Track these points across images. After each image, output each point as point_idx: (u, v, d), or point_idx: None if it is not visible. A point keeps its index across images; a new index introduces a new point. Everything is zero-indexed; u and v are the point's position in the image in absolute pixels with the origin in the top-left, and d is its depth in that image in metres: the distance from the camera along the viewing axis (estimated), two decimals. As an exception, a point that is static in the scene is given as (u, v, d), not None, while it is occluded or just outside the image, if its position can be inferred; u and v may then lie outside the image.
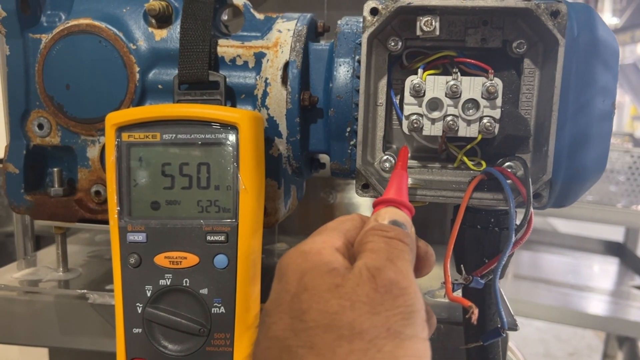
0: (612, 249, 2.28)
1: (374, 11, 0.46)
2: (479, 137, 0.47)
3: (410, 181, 0.47)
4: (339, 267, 0.33)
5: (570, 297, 1.83)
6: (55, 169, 0.59)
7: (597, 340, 3.04)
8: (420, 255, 0.38)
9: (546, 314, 1.76)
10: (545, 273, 2.02)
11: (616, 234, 2.31)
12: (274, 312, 0.32)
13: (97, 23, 0.55)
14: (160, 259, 0.48)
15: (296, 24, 0.55)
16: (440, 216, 0.78)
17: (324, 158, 0.61)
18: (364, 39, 0.46)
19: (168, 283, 0.48)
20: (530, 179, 0.44)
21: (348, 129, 0.52)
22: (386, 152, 0.50)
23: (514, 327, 0.52)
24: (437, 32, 0.45)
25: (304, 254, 0.34)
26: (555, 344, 3.11)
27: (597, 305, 1.79)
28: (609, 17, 5.51)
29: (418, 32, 0.45)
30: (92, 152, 0.58)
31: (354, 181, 0.50)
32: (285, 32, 0.55)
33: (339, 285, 0.31)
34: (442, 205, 0.60)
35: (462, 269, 0.44)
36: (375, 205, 0.39)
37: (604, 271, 2.16)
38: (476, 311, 0.35)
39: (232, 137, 0.47)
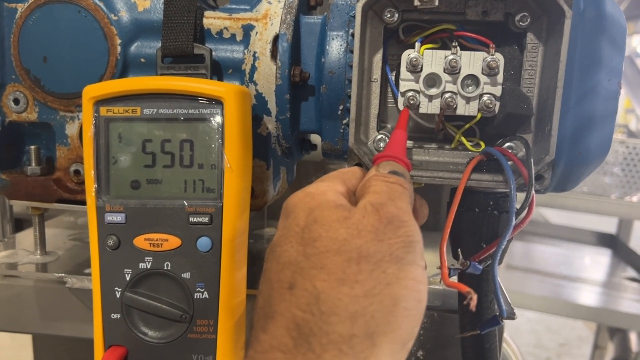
0: (604, 240, 2.27)
1: (369, -21, 0.43)
2: (479, 116, 0.44)
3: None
4: (345, 204, 0.35)
5: (563, 288, 1.82)
6: (33, 147, 0.56)
7: (588, 331, 3.05)
8: (415, 208, 0.41)
9: (538, 305, 1.75)
10: (537, 264, 2.02)
11: (609, 226, 2.30)
12: (284, 242, 0.35)
13: (76, -9, 0.52)
14: (140, 241, 0.46)
15: (287, -4, 0.52)
16: (434, 199, 0.75)
17: (315, 139, 0.59)
18: (358, 9, 0.43)
19: (148, 266, 0.46)
20: (532, 160, 0.42)
21: (341, 107, 0.50)
22: (380, 132, 0.48)
23: (511, 315, 0.50)
24: (436, 3, 0.42)
25: (310, 194, 0.36)
26: (546, 335, 3.12)
27: (589, 297, 1.79)
28: (605, 9, 5.50)
29: (416, 3, 0.42)
30: (71, 129, 0.55)
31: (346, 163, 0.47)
32: (276, 3, 0.52)
33: (347, 218, 0.34)
34: (436, 188, 0.58)
35: (460, 253, 0.42)
36: (375, 160, 0.41)
37: (596, 262, 2.15)
38: (475, 297, 0.33)
39: (217, 113, 0.45)
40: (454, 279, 0.43)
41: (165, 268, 0.45)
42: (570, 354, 2.95)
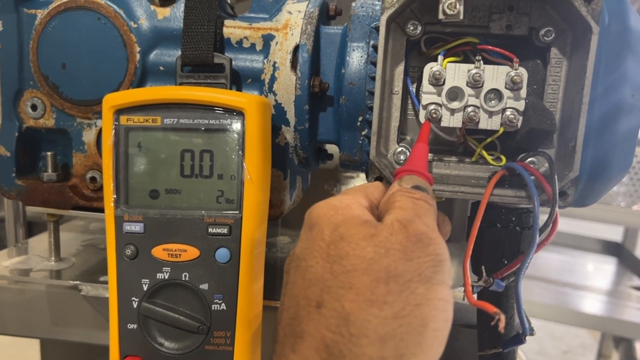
0: (610, 248, 2.26)
1: (394, -8, 0.42)
2: (501, 130, 0.44)
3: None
4: (371, 220, 0.35)
5: (567, 296, 1.81)
6: (49, 153, 0.56)
7: (591, 339, 3.03)
8: (438, 224, 0.40)
9: (542, 312, 1.74)
10: (541, 271, 2.00)
11: (614, 234, 2.29)
12: (309, 257, 0.34)
13: (96, -1, 0.52)
14: (158, 251, 0.45)
15: (307, 6, 0.52)
16: (446, 212, 0.74)
17: (331, 149, 0.58)
18: (383, 21, 0.43)
19: (166, 277, 0.45)
20: (556, 176, 0.41)
21: (360, 118, 0.50)
22: (400, 144, 0.47)
23: (532, 332, 0.50)
24: (461, 16, 0.42)
25: (335, 207, 0.35)
26: (549, 342, 3.10)
27: (594, 305, 1.77)
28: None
29: (440, 16, 0.42)
30: (88, 136, 0.55)
31: (362, 174, 0.47)
32: (296, 13, 0.52)
33: (374, 235, 0.33)
34: (450, 202, 0.58)
35: (483, 270, 0.42)
36: (397, 174, 0.40)
37: (601, 271, 2.14)
38: (503, 317, 0.33)
39: (237, 123, 0.44)
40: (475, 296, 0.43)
41: (183, 279, 0.45)
42: (573, 362, 2.94)
